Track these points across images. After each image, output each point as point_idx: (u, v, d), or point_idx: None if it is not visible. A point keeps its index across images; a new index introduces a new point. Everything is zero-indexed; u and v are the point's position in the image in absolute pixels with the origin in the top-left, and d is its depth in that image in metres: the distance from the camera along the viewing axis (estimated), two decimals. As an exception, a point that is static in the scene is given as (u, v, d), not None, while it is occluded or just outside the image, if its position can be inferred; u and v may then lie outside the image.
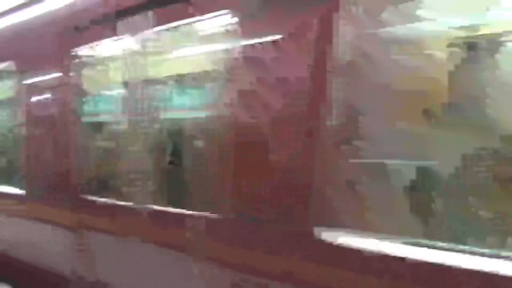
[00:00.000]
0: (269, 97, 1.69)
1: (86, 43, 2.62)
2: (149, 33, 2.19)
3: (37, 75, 3.03)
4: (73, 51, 2.70)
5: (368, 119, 1.41)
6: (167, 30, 2.14)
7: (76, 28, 2.67)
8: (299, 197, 1.60)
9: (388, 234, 1.32)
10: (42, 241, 3.12)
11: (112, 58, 2.54)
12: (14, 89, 3.32)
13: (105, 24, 2.41)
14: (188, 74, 2.25)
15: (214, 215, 1.96)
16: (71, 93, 2.75)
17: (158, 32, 2.18)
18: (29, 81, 3.13)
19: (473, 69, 1.19)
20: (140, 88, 2.36)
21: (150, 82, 2.32)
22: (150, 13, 2.18)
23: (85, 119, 2.79)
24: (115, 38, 2.39)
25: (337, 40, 1.46)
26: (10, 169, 3.59)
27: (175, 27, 2.10)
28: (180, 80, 2.31)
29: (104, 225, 2.59)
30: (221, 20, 1.91)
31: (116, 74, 2.53)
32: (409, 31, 1.30)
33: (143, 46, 2.27)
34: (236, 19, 1.80)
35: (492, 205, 1.13)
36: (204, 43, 2.06)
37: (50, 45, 2.87)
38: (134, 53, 2.34)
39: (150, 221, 2.27)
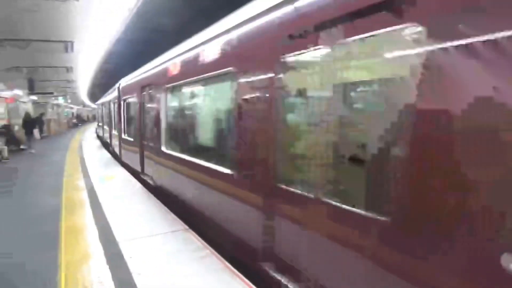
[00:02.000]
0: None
1: (296, 50, 2.96)
2: (350, 41, 2.44)
3: (251, 78, 3.58)
4: (283, 57, 3.09)
5: None
6: (370, 37, 2.33)
7: (290, 37, 3.01)
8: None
9: None
10: (238, 213, 3.96)
11: (316, 63, 2.81)
12: (232, 89, 3.94)
13: (313, 33, 2.74)
14: (384, 78, 2.46)
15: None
16: (276, 93, 3.20)
17: (360, 40, 2.41)
18: (244, 82, 3.71)
19: None
20: (337, 92, 2.67)
21: (349, 86, 2.66)
22: (352, 23, 2.43)
23: (286, 117, 3.23)
24: (322, 45, 2.70)
25: None
26: (224, 152, 4.44)
27: (375, 35, 2.28)
28: (378, 84, 2.55)
29: (289, 211, 3.15)
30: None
31: (318, 78, 2.82)
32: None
33: (345, 53, 2.53)
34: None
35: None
36: (403, 48, 2.16)
37: (264, 51, 3.37)
38: (336, 58, 2.61)
39: (327, 215, 2.72)
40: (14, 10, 6.45)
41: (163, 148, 6.64)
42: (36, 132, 18.21)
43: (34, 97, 23.10)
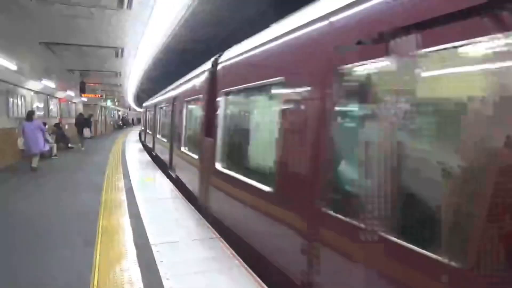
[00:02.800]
0: None
1: (351, 61, 2.70)
2: (419, 53, 2.13)
3: (301, 88, 3.31)
4: (337, 68, 2.82)
5: None
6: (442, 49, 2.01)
7: (341, 48, 2.81)
8: None
9: None
10: (277, 236, 3.64)
11: (373, 75, 2.58)
12: (281, 100, 3.68)
13: (370, 44, 2.50)
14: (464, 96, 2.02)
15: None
16: (329, 106, 2.89)
17: (431, 52, 2.09)
18: (294, 93, 3.44)
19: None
20: (396, 108, 2.29)
21: (411, 102, 2.21)
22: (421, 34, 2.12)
23: (337, 133, 2.86)
24: (377, 57, 2.44)
25: None
26: (262, 167, 4.26)
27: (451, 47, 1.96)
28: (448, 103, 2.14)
29: (338, 243, 2.72)
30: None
31: (375, 91, 2.53)
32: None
33: (411, 65, 2.20)
34: None
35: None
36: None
37: (316, 61, 3.12)
38: (393, 72, 2.32)
39: (379, 250, 2.29)
40: (70, 17, 6.84)
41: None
42: (86, 131, 19.46)
43: (84, 99, 24.24)
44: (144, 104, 24.42)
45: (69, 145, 17.96)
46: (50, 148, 14.22)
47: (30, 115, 11.67)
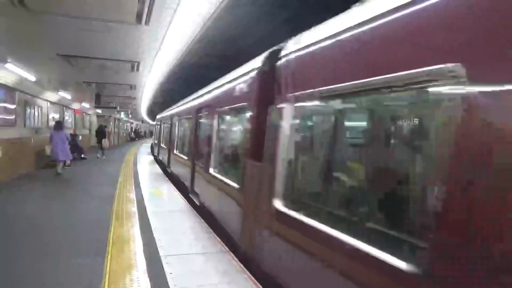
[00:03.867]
0: None
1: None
2: None
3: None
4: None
5: None
6: None
7: None
8: None
9: None
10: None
11: None
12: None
13: None
14: None
15: None
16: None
17: None
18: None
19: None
20: None
21: None
22: None
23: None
24: None
25: None
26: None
27: None
28: None
29: None
30: None
31: None
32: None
33: None
34: None
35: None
36: None
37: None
38: None
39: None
40: (87, 31, 7.03)
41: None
42: (105, 141, 20.24)
43: (99, 110, 24.62)
44: (158, 116, 23.16)
45: (82, 155, 18.19)
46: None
47: (59, 125, 13.05)
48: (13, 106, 11.63)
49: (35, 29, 7.00)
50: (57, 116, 17.70)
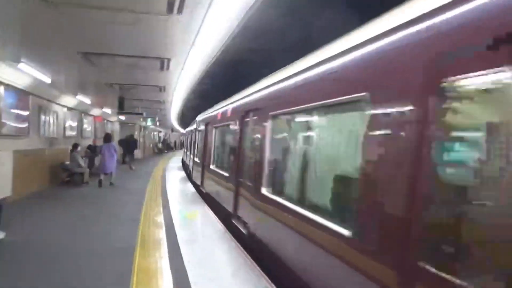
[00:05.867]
0: None
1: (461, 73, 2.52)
2: None
3: (389, 106, 3.31)
4: (442, 82, 2.65)
5: None
6: None
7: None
8: None
9: None
10: None
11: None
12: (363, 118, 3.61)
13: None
14: None
15: None
16: (428, 130, 2.76)
17: None
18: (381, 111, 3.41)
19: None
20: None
21: None
22: None
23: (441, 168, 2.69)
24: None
25: None
26: None
27: None
28: None
29: None
30: None
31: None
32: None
33: None
34: None
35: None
36: None
37: (409, 75, 3.07)
38: None
39: None
40: (112, 24, 7.33)
41: None
42: (136, 152, 22.36)
43: (122, 117, 25.51)
44: (198, 118, 19.59)
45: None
46: (81, 173, 15.20)
47: (109, 138, 16.17)
48: (26, 113, 12.29)
49: (53, 24, 7.38)
50: (74, 124, 18.49)
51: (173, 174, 21.23)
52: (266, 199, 6.26)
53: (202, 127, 16.22)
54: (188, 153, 22.61)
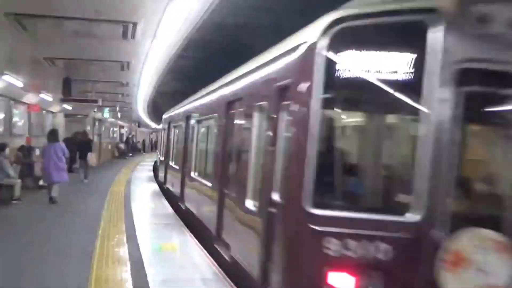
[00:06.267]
0: None
1: None
2: None
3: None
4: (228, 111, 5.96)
5: None
6: None
7: None
8: None
9: None
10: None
11: None
12: None
13: None
14: None
15: None
16: (224, 130, 5.90)
17: None
18: None
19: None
20: None
21: None
22: None
23: None
24: None
25: None
26: None
27: None
28: None
29: None
30: None
31: None
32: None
33: None
34: None
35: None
36: None
37: (221, 108, 7.19)
38: None
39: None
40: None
41: None
42: (91, 156, 22.49)
43: (68, 106, 25.32)
44: (164, 116, 23.46)
45: (41, 182, 18.22)
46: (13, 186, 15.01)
47: (55, 136, 15.83)
48: None
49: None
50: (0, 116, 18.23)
51: (141, 189, 21.17)
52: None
53: (177, 123, 18.08)
54: (162, 158, 22.53)
